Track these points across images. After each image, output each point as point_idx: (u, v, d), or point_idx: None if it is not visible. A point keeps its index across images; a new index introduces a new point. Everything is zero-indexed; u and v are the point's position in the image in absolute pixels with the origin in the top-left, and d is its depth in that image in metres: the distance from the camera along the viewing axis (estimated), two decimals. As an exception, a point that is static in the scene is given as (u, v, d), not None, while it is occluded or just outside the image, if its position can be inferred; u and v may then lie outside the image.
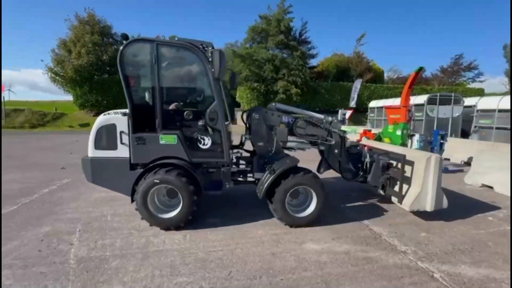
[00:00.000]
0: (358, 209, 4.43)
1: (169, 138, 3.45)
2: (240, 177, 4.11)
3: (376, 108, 18.35)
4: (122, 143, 3.45)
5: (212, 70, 3.30)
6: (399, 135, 7.08)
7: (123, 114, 3.43)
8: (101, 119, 3.50)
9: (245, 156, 4.27)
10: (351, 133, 11.26)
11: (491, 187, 5.72)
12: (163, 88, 3.46)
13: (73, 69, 20.95)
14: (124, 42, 3.29)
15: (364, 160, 4.20)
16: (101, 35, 22.33)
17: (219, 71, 3.20)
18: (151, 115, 3.40)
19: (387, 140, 7.46)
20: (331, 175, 4.56)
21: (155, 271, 2.61)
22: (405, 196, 3.82)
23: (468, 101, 13.72)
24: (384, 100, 19.22)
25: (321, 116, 4.23)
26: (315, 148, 4.19)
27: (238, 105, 23.95)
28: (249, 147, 4.21)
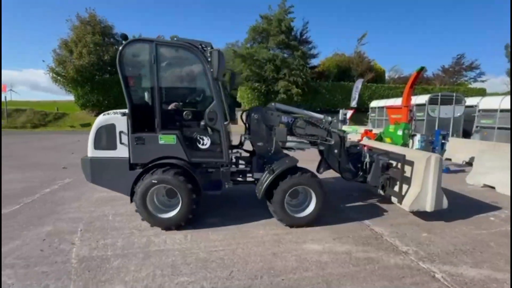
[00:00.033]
0: (359, 209, 4.42)
1: (168, 138, 3.45)
2: (240, 177, 4.11)
3: (377, 108, 18.33)
4: (121, 143, 3.45)
5: (211, 70, 3.30)
6: (400, 135, 7.06)
7: (123, 114, 3.44)
8: (100, 119, 3.51)
9: (244, 156, 4.27)
10: (352, 133, 11.23)
11: (493, 187, 5.70)
12: (162, 88, 3.46)
13: (74, 69, 21.04)
14: (123, 42, 3.30)
15: (364, 160, 4.19)
16: (102, 35, 22.39)
17: (217, 71, 3.20)
18: (150, 115, 3.40)
19: (388, 140, 7.44)
20: (332, 175, 4.56)
21: (156, 271, 2.62)
22: (404, 196, 3.81)
23: (470, 101, 13.68)
24: (385, 100, 19.21)
25: (320, 116, 4.22)
26: (314, 148, 4.19)
27: (239, 105, 23.97)
28: (248, 147, 4.21)
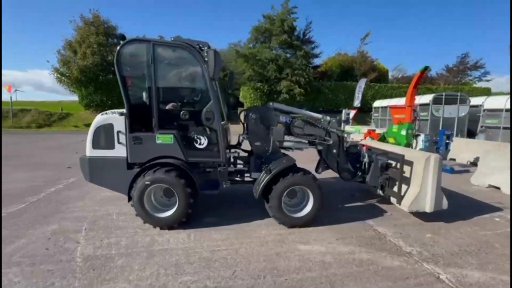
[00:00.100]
0: (362, 209, 4.41)
1: (165, 138, 3.47)
2: (238, 177, 4.12)
3: (381, 108, 18.22)
4: (119, 142, 3.48)
5: (208, 70, 3.30)
6: (403, 135, 7.01)
7: (120, 114, 3.47)
8: (98, 119, 3.54)
9: (242, 156, 4.27)
10: (355, 133, 11.19)
11: (498, 187, 5.64)
12: (160, 88, 3.48)
13: (78, 69, 21.19)
14: (121, 42, 3.32)
15: (363, 160, 4.17)
16: (105, 36, 22.52)
17: (213, 70, 3.20)
18: (147, 114, 3.42)
19: (391, 140, 7.39)
20: (334, 175, 4.55)
21: (160, 270, 2.64)
22: (404, 196, 3.78)
23: (475, 100, 13.55)
24: (388, 99, 19.08)
25: (319, 115, 4.21)
26: (313, 148, 4.17)
27: (242, 105, 23.97)
28: (247, 146, 4.21)
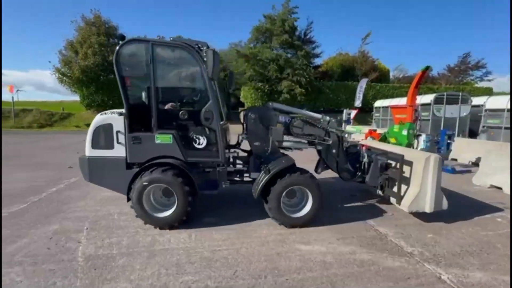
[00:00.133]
0: (363, 209, 4.40)
1: (164, 138, 3.47)
2: (237, 177, 4.12)
3: (382, 108, 18.19)
4: (118, 142, 3.48)
5: (206, 70, 3.30)
6: (405, 135, 7.00)
7: (120, 114, 3.47)
8: (97, 119, 3.55)
9: (242, 156, 4.27)
10: (356, 133, 11.17)
11: (500, 188, 5.62)
12: (159, 88, 3.48)
13: (79, 69, 21.23)
14: (120, 43, 3.33)
15: (362, 160, 4.15)
16: (107, 36, 22.54)
17: (212, 70, 3.20)
18: (147, 114, 3.42)
19: (393, 140, 7.39)
20: (334, 175, 4.53)
21: (161, 270, 2.64)
22: (403, 197, 3.76)
23: (476, 100, 13.50)
24: (389, 99, 19.03)
25: (318, 115, 4.20)
26: (313, 148, 4.16)
27: (243, 105, 23.97)
28: (246, 146, 4.21)
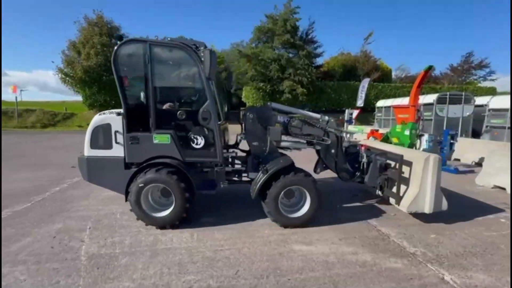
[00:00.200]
0: (365, 209, 4.39)
1: (162, 138, 3.48)
2: (235, 177, 4.12)
3: (384, 108, 18.13)
4: (117, 142, 3.50)
5: (204, 70, 3.30)
6: (407, 135, 6.98)
7: (118, 114, 3.49)
8: (96, 119, 3.56)
9: (240, 156, 4.27)
10: (358, 133, 11.13)
11: (503, 188, 5.58)
12: (157, 88, 3.49)
13: (82, 70, 21.37)
14: (118, 43, 3.34)
15: (361, 160, 4.13)
16: (109, 36, 22.65)
17: (209, 70, 3.20)
18: (145, 114, 3.43)
19: (395, 140, 7.36)
20: (334, 175, 4.51)
21: (163, 269, 2.65)
22: (403, 197, 3.74)
23: (479, 100, 13.42)
24: (392, 99, 18.97)
25: (317, 115, 4.19)
26: (312, 148, 4.14)
27: (244, 105, 23.96)
28: (244, 146, 4.20)
